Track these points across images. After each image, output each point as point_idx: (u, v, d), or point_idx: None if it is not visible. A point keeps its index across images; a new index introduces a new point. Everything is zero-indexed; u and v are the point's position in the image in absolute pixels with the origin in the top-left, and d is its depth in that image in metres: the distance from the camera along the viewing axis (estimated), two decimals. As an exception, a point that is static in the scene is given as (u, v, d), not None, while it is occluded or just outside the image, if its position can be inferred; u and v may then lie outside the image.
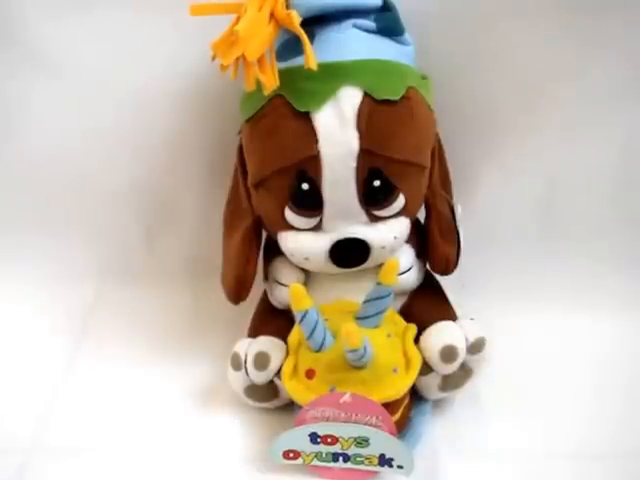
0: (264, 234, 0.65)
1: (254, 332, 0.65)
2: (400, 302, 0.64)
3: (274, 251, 0.63)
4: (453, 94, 0.68)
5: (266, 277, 0.66)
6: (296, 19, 0.52)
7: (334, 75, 0.55)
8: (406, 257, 0.63)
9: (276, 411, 0.63)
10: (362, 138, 0.55)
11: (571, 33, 0.67)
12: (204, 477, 0.59)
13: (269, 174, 0.57)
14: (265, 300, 0.67)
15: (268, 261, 0.66)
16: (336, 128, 0.55)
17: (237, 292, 0.64)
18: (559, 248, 0.76)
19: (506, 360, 0.65)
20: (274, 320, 0.65)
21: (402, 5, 0.60)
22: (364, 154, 0.55)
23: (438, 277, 0.67)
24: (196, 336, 0.73)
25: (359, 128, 0.55)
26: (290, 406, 0.62)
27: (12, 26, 0.68)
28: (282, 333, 0.62)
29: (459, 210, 0.64)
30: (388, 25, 0.58)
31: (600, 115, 0.71)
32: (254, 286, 0.64)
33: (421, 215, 0.64)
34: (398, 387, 0.57)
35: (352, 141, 0.55)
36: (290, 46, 0.55)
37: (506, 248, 0.76)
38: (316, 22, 0.56)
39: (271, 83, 0.53)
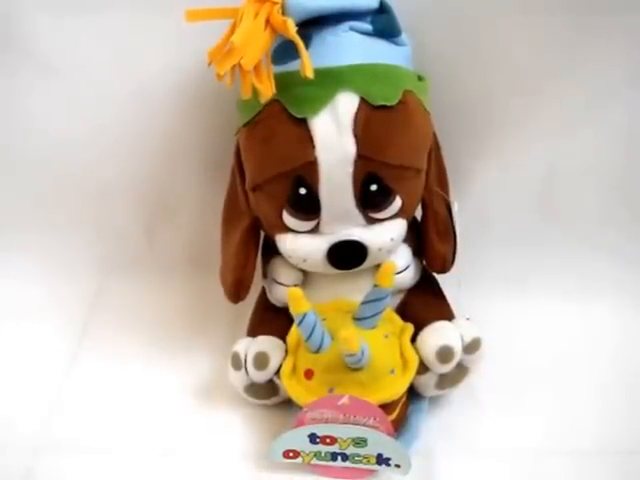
0: (262, 233, 0.65)
1: (253, 331, 0.66)
2: (397, 300, 0.65)
3: (272, 250, 0.64)
4: (450, 89, 0.68)
5: (265, 275, 0.67)
6: (292, 27, 0.52)
7: (331, 81, 0.55)
8: (403, 256, 0.63)
9: (276, 407, 0.64)
10: (359, 144, 0.55)
11: (569, 28, 0.66)
12: (205, 473, 0.60)
13: (266, 179, 0.58)
14: (264, 297, 0.68)
15: (267, 259, 0.66)
16: (333, 134, 0.55)
17: (236, 292, 0.64)
18: (558, 242, 0.76)
19: (503, 356, 0.65)
20: (273, 319, 0.65)
21: (399, 3, 0.59)
22: (361, 159, 0.55)
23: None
24: (197, 331, 0.73)
25: (356, 134, 0.55)
26: (289, 402, 0.62)
27: (11, 26, 0.68)
28: (281, 332, 0.62)
29: (455, 208, 0.64)
30: (385, 27, 0.58)
31: (599, 107, 0.71)
32: (253, 281, 0.65)
33: (418, 213, 0.65)
34: (395, 388, 0.58)
35: (349, 147, 0.55)
36: (286, 49, 0.55)
37: (504, 243, 0.76)
38: (313, 24, 0.56)
39: (268, 92, 0.53)
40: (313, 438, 0.57)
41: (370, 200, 0.58)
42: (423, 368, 0.60)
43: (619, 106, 0.71)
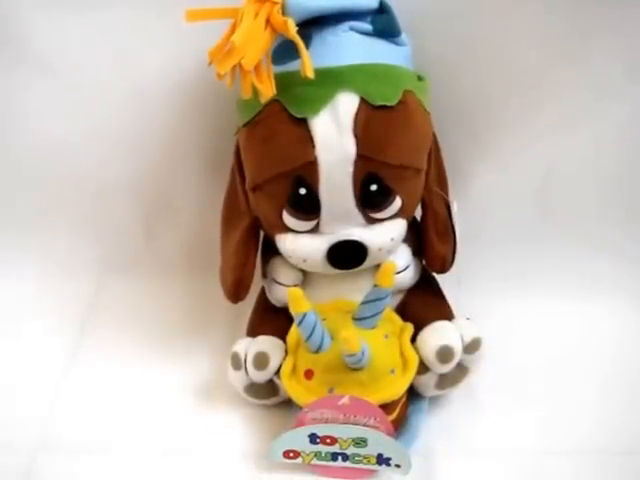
0: (262, 232, 0.65)
1: (253, 331, 0.66)
2: (397, 300, 0.65)
3: (272, 250, 0.64)
4: (450, 89, 0.68)
5: (264, 275, 0.67)
6: (292, 27, 0.52)
7: (331, 81, 0.55)
8: (403, 256, 0.63)
9: (276, 407, 0.64)
10: (359, 144, 0.55)
11: (568, 26, 0.66)
12: (205, 473, 0.60)
13: (266, 179, 0.58)
14: (263, 297, 0.68)
15: (266, 259, 0.66)
16: (333, 134, 0.55)
17: (236, 292, 0.64)
18: (557, 242, 0.76)
19: (503, 355, 0.65)
20: (273, 318, 0.65)
21: (399, 3, 0.59)
22: (361, 159, 0.55)
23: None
24: (197, 331, 0.73)
25: (356, 134, 0.55)
26: (289, 402, 0.62)
27: (8, 25, 0.68)
28: (281, 331, 0.62)
29: (455, 208, 0.64)
30: (384, 27, 0.58)
31: (597, 106, 0.71)
32: (253, 281, 0.65)
33: (418, 213, 0.65)
34: (396, 388, 0.58)
35: (349, 147, 0.55)
36: (286, 49, 0.55)
37: (503, 243, 0.76)
38: (313, 24, 0.56)
39: (268, 92, 0.53)
40: (313, 438, 0.57)
41: (370, 200, 0.58)
42: (423, 368, 0.60)
43: (619, 104, 0.71)
